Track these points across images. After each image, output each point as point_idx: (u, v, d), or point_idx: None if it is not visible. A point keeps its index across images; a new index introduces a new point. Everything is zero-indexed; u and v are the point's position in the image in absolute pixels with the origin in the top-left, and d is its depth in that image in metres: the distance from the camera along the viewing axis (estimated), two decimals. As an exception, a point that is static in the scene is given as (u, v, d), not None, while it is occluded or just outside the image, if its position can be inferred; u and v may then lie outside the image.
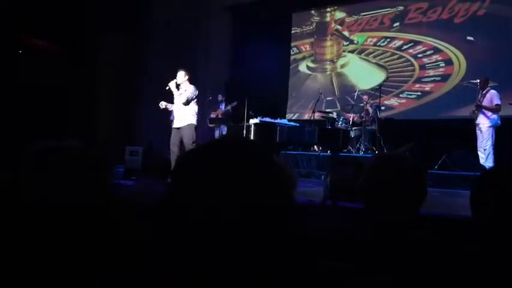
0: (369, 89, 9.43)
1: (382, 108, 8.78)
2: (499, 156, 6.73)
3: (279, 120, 7.13)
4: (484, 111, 6.93)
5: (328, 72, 10.83)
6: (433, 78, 9.31)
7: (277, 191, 0.74)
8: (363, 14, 10.31)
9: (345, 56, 10.60)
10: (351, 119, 8.75)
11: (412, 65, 9.60)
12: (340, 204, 4.00)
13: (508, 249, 1.12)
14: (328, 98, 10.23)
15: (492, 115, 6.88)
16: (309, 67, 11.13)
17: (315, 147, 8.61)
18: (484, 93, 7.03)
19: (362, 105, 8.93)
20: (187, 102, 6.23)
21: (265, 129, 6.60)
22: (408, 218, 1.38)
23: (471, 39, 8.82)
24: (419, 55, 9.50)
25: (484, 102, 6.96)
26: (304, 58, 11.23)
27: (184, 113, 6.25)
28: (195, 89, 6.32)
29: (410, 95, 9.55)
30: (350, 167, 4.22)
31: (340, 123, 8.73)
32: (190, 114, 6.27)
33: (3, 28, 7.95)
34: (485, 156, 6.79)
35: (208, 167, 0.73)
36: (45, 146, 0.88)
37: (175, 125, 6.34)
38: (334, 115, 9.13)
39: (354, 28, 10.45)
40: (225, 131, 9.39)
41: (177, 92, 6.29)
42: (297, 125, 7.56)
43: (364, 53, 10.27)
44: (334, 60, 10.77)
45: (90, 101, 9.79)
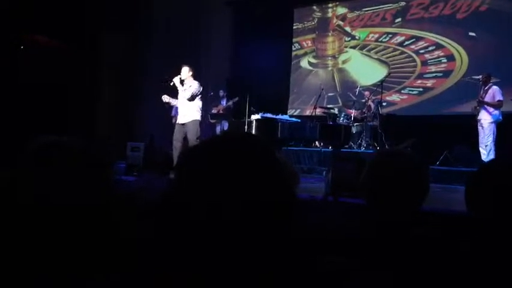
0: (371, 85, 9.42)
1: (383, 104, 8.76)
2: (500, 152, 6.72)
3: (280, 116, 7.14)
4: (486, 107, 6.91)
5: (329, 68, 10.81)
6: (435, 74, 9.29)
7: (280, 187, 0.74)
8: (364, 9, 10.28)
9: (346, 51, 10.58)
10: (352, 115, 8.72)
11: (414, 60, 9.57)
12: (342, 200, 4.01)
13: (506, 245, 1.11)
14: (329, 93, 10.20)
15: (494, 111, 6.87)
16: (310, 63, 11.11)
17: (317, 143, 8.60)
18: (486, 89, 7.01)
19: (364, 101, 8.91)
20: (192, 98, 6.21)
21: (267, 125, 6.60)
22: (410, 214, 1.37)
23: (473, 35, 8.78)
24: (421, 51, 9.47)
25: (486, 98, 6.94)
26: (305, 54, 11.21)
27: (188, 109, 6.23)
28: (199, 85, 6.30)
29: (412, 91, 9.52)
30: (351, 163, 4.21)
31: (341, 119, 8.73)
32: (195, 110, 6.24)
33: (4, 25, 7.95)
34: (487, 153, 6.78)
35: (211, 162, 0.73)
36: (46, 141, 0.88)
37: (180, 120, 6.32)
38: (336, 111, 9.12)
39: (356, 24, 10.43)
40: (226, 126, 9.39)
41: (182, 87, 6.27)
42: (299, 120, 7.58)
43: (366, 49, 10.25)
44: (336, 56, 10.74)
45: (91, 97, 9.79)
